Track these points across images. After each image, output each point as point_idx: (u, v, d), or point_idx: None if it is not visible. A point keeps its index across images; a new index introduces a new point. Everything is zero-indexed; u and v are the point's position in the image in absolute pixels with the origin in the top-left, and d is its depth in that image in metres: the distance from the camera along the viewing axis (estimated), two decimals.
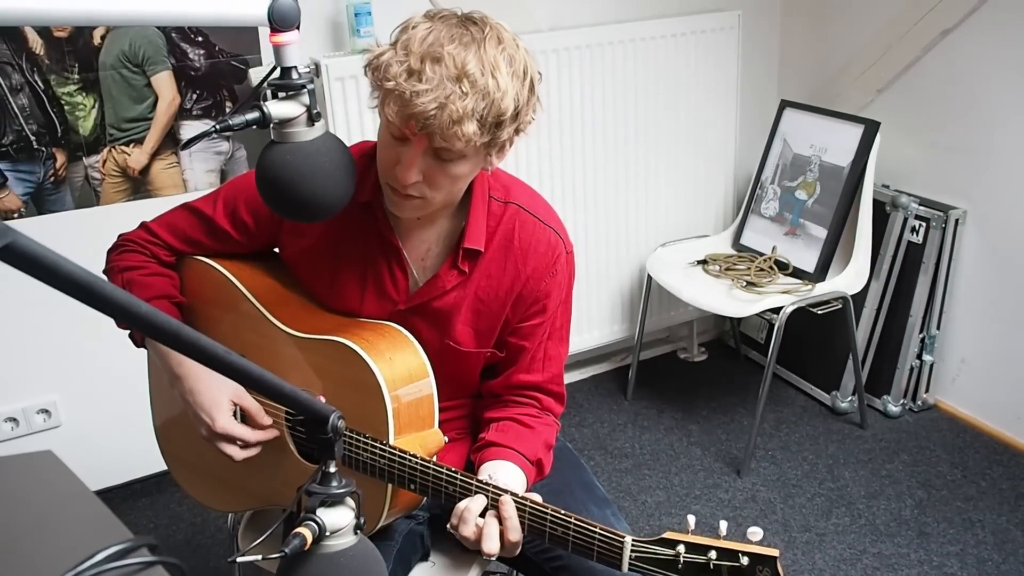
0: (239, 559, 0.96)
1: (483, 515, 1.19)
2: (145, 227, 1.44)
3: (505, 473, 1.30)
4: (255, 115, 0.98)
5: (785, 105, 2.82)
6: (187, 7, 0.90)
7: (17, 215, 2.18)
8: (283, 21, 0.95)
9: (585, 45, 2.58)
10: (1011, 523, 2.32)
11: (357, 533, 0.85)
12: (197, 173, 2.36)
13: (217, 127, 0.99)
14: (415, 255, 1.37)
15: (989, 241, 2.59)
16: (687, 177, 2.91)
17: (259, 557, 0.92)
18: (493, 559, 1.23)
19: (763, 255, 2.71)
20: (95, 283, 0.57)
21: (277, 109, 1.00)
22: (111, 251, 1.45)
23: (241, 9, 0.94)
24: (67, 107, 2.17)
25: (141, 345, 1.42)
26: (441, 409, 1.32)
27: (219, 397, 1.30)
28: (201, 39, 2.26)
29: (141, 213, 1.49)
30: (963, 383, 2.77)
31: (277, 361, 1.36)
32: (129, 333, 1.37)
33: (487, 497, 1.20)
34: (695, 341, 3.21)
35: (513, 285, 1.35)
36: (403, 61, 1.12)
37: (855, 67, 2.86)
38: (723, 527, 1.08)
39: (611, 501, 1.47)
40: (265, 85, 1.01)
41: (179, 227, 1.43)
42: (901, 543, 2.27)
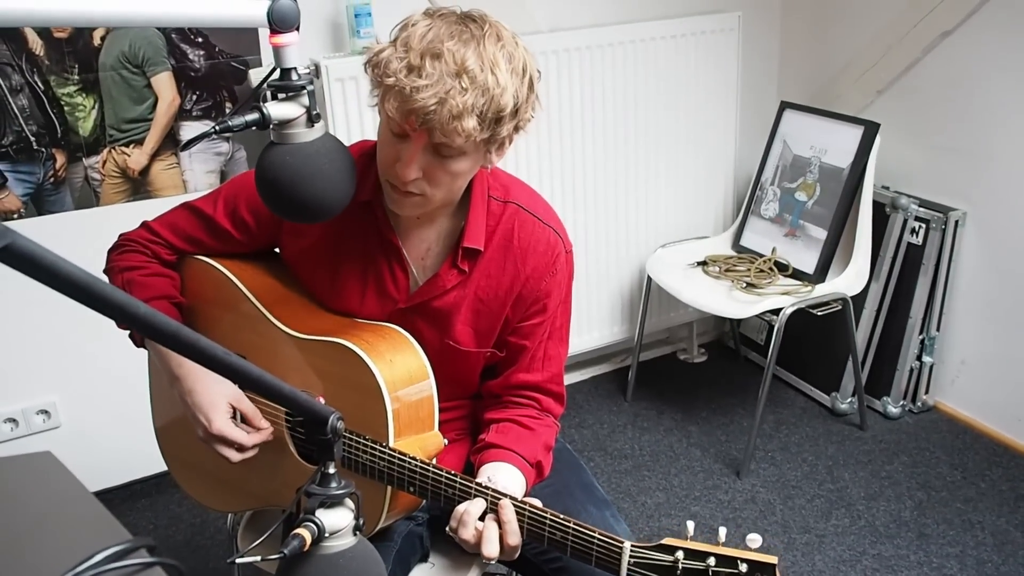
0: (238, 560, 0.96)
1: (482, 518, 1.19)
2: (146, 226, 1.45)
3: (504, 475, 1.30)
4: (255, 116, 0.98)
5: (785, 106, 2.82)
6: (187, 8, 0.90)
7: (17, 216, 2.19)
8: (283, 22, 0.95)
9: (585, 46, 2.58)
10: (1011, 524, 2.32)
11: (356, 534, 0.85)
12: (197, 174, 2.36)
13: (217, 128, 0.99)
14: (415, 254, 1.37)
15: (989, 243, 2.59)
16: (687, 178, 2.91)
17: (258, 558, 0.92)
18: (492, 562, 1.23)
19: (763, 256, 2.71)
20: (94, 284, 0.57)
21: (277, 110, 1.00)
22: (112, 251, 1.45)
23: (241, 10, 0.94)
24: (67, 108, 2.17)
25: (141, 345, 1.42)
26: (441, 409, 1.32)
27: (217, 399, 1.30)
28: (201, 40, 2.26)
29: (141, 214, 1.49)
30: (963, 384, 2.77)
31: (277, 361, 1.36)
32: (129, 333, 1.37)
33: (486, 501, 1.20)
34: (695, 342, 3.21)
35: (513, 284, 1.35)
36: (403, 57, 1.13)
37: (855, 68, 2.86)
38: (722, 533, 1.08)
39: (611, 502, 1.47)
40: (265, 86, 1.01)
41: (180, 226, 1.43)
42: (901, 544, 2.27)
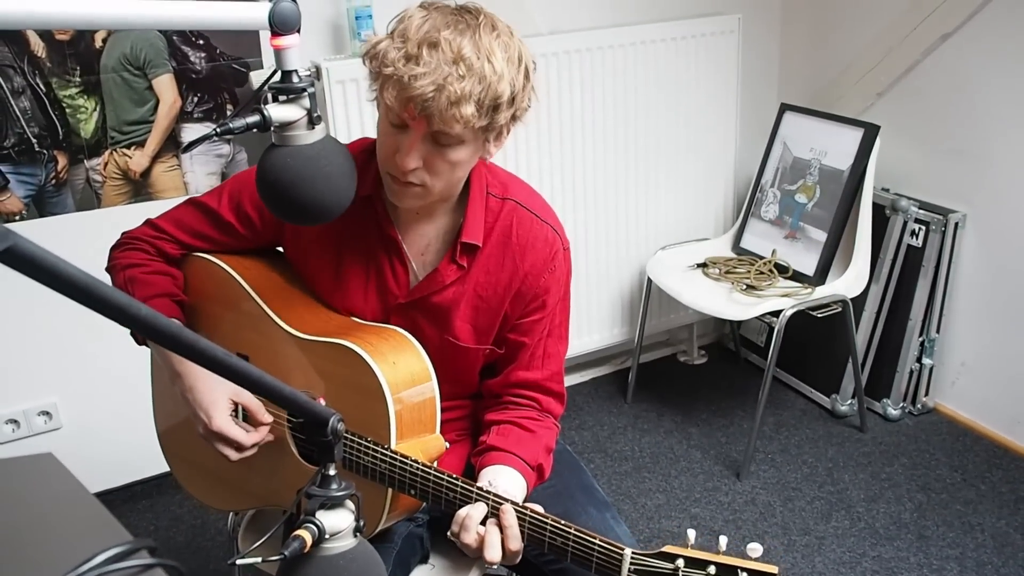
0: (239, 561, 0.97)
1: (484, 523, 1.19)
2: (150, 223, 1.46)
3: (506, 479, 1.30)
4: (256, 118, 0.98)
5: (785, 108, 2.82)
6: (188, 10, 0.90)
7: (19, 217, 2.19)
8: (284, 24, 0.95)
9: (586, 48, 2.59)
10: (1010, 526, 2.32)
11: (357, 536, 0.86)
12: (198, 176, 2.36)
13: (218, 130, 0.99)
14: (414, 250, 1.38)
15: (989, 245, 2.59)
16: (687, 180, 2.91)
17: (259, 559, 0.92)
18: (494, 567, 1.23)
19: (763, 258, 2.71)
20: (95, 286, 0.57)
21: (278, 112, 1.00)
22: (114, 248, 1.45)
23: (242, 12, 0.94)
24: (68, 110, 2.18)
25: (143, 344, 1.42)
26: (442, 409, 1.32)
27: (217, 396, 1.30)
28: (202, 42, 2.27)
29: (142, 215, 1.49)
30: (963, 386, 2.76)
31: (279, 361, 1.37)
32: (131, 332, 1.37)
33: (488, 505, 1.20)
34: (695, 344, 3.21)
35: (511, 281, 1.36)
36: (400, 47, 1.15)
37: (855, 71, 2.86)
38: (723, 542, 1.07)
39: (611, 504, 1.47)
40: (266, 88, 1.01)
41: (185, 221, 1.44)
42: (901, 546, 2.27)
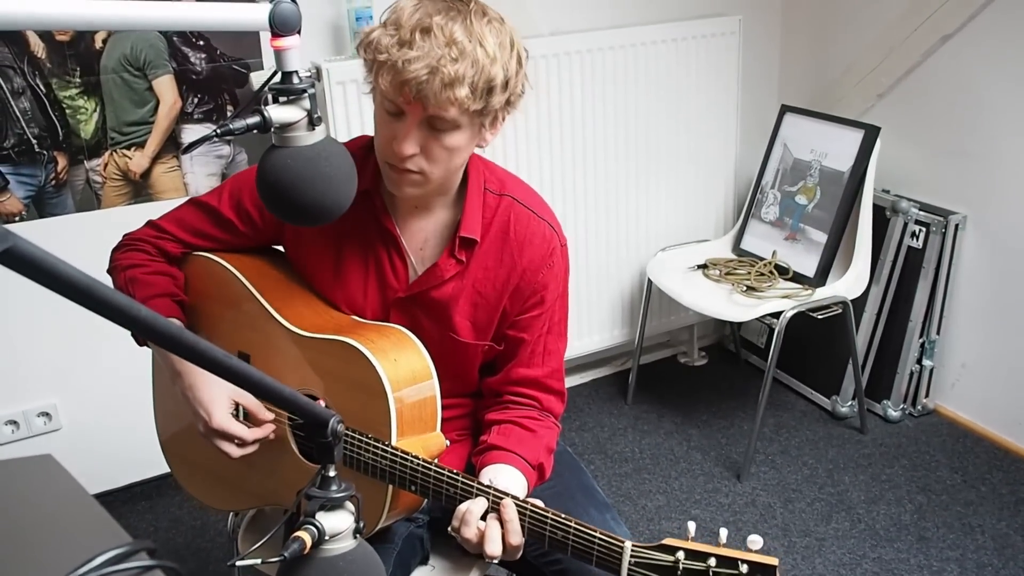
0: (238, 563, 0.96)
1: (484, 518, 1.20)
2: (152, 224, 1.46)
3: (506, 478, 1.30)
4: (256, 119, 0.98)
5: (785, 110, 2.82)
6: (189, 11, 0.90)
7: (18, 218, 2.19)
8: (284, 25, 0.95)
9: (586, 49, 2.59)
10: (1011, 528, 2.32)
11: (356, 537, 0.86)
12: (198, 177, 2.36)
13: (218, 131, 0.99)
14: (413, 245, 1.39)
15: (989, 246, 2.59)
16: (687, 181, 2.91)
17: (259, 561, 0.92)
18: (494, 562, 1.23)
19: (763, 260, 2.71)
20: (95, 287, 0.57)
21: (278, 113, 1.00)
22: (115, 249, 1.46)
23: (242, 13, 0.94)
24: (68, 111, 2.18)
25: (144, 344, 1.42)
26: (442, 407, 1.32)
27: (217, 394, 1.30)
28: (202, 43, 2.27)
29: (142, 216, 1.50)
30: (963, 388, 2.76)
31: (281, 359, 1.37)
32: (131, 332, 1.37)
33: (488, 500, 1.20)
34: (695, 345, 3.21)
35: (510, 277, 1.37)
36: (393, 34, 1.17)
37: (855, 72, 2.86)
38: (723, 535, 1.08)
39: (611, 505, 1.47)
40: (266, 89, 1.01)
41: (186, 220, 1.45)
42: (901, 548, 2.26)
